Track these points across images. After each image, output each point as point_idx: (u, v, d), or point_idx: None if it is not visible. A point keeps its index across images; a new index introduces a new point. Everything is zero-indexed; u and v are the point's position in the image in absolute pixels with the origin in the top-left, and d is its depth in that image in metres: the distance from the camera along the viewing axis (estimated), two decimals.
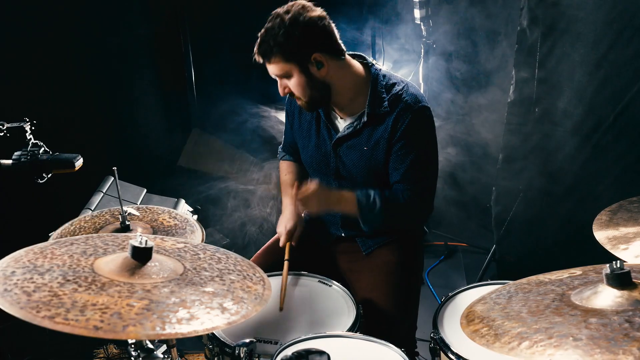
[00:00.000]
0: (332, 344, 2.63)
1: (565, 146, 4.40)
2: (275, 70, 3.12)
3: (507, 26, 5.25)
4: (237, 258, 2.42)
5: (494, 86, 5.32)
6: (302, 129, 3.49)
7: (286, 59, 3.05)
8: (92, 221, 3.13)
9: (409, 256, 3.44)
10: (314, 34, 3.06)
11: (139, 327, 1.78)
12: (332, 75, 3.14)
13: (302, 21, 3.01)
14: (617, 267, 1.88)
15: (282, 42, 3.00)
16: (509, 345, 1.78)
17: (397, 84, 3.25)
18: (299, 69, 3.08)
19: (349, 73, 3.22)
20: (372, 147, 3.24)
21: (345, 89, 3.21)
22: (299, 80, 3.11)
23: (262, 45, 3.08)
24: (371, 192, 3.23)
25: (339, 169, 3.37)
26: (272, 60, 3.08)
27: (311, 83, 3.12)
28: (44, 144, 2.86)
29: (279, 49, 3.02)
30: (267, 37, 3.05)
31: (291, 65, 3.07)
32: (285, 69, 3.09)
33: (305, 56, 3.06)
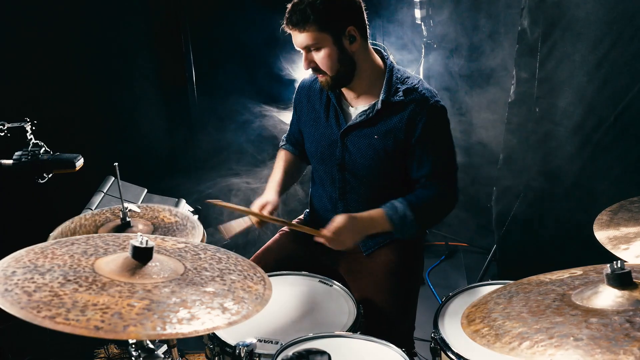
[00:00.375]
0: (333, 344, 2.63)
1: (565, 146, 4.41)
2: (307, 40, 3.07)
3: (508, 26, 5.25)
4: (237, 258, 2.42)
5: (495, 86, 5.32)
6: (309, 118, 3.46)
7: (322, 28, 3.02)
8: (92, 219, 3.14)
9: (410, 256, 3.43)
10: (353, 7, 3.08)
11: (140, 327, 1.78)
12: (360, 54, 3.15)
13: None
14: (617, 267, 1.88)
15: (321, 10, 2.98)
16: (509, 345, 1.78)
17: (411, 78, 3.26)
18: (332, 40, 3.06)
19: (371, 58, 3.23)
20: (383, 137, 3.22)
21: (365, 73, 3.21)
22: (329, 52, 3.08)
23: (295, 12, 3.02)
24: (397, 205, 3.19)
25: (345, 158, 3.34)
26: (306, 29, 3.03)
27: (341, 56, 3.10)
28: (44, 144, 2.86)
29: (317, 16, 2.99)
30: (302, 5, 3.00)
31: (325, 35, 3.04)
32: (318, 38, 3.05)
33: (341, 27, 3.05)
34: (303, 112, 3.52)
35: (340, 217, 3.11)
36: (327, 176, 3.43)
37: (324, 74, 3.17)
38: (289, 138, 3.80)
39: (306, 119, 3.49)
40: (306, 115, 3.49)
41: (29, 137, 2.87)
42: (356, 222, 3.15)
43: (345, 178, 3.37)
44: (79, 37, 5.30)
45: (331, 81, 3.19)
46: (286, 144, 3.80)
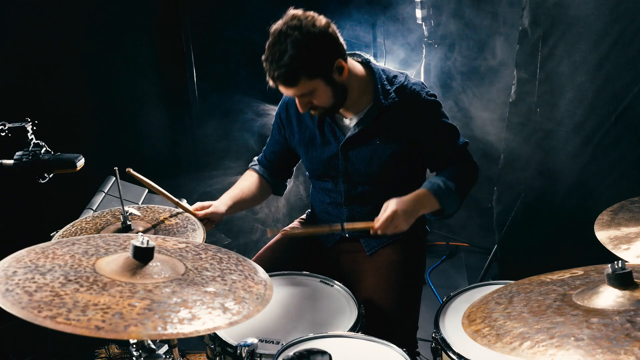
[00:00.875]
0: (334, 344, 2.63)
1: (566, 146, 4.41)
2: (299, 91, 3.04)
3: (509, 26, 5.25)
4: (238, 258, 2.42)
5: (496, 86, 5.32)
6: (303, 137, 3.44)
7: (312, 77, 2.98)
8: (93, 222, 3.14)
9: (412, 256, 3.43)
10: (332, 42, 3.01)
11: (141, 327, 1.78)
12: (348, 77, 3.11)
13: (318, 33, 2.94)
14: (618, 267, 1.88)
15: (304, 63, 2.92)
16: (510, 345, 1.78)
17: (397, 76, 3.27)
18: (324, 82, 3.02)
19: (355, 71, 3.20)
20: (384, 140, 3.23)
21: (353, 88, 3.18)
22: (325, 92, 3.05)
23: (280, 69, 2.94)
24: (435, 181, 3.23)
25: (348, 169, 3.34)
26: (298, 84, 2.98)
27: (336, 91, 3.08)
28: (45, 144, 2.86)
29: (304, 70, 2.94)
30: (284, 61, 2.92)
31: (317, 81, 3.00)
32: (312, 86, 3.01)
33: (329, 67, 3.01)
34: (294, 131, 3.48)
35: (390, 203, 3.09)
36: (332, 186, 3.43)
37: (318, 109, 3.15)
38: (263, 158, 3.73)
39: (300, 138, 3.46)
40: (299, 134, 3.46)
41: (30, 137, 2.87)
42: (407, 204, 3.13)
43: (350, 187, 3.37)
44: (80, 37, 5.30)
45: (325, 112, 3.18)
46: (257, 164, 3.75)
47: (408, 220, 3.12)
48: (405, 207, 3.10)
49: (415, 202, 3.15)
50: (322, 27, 2.95)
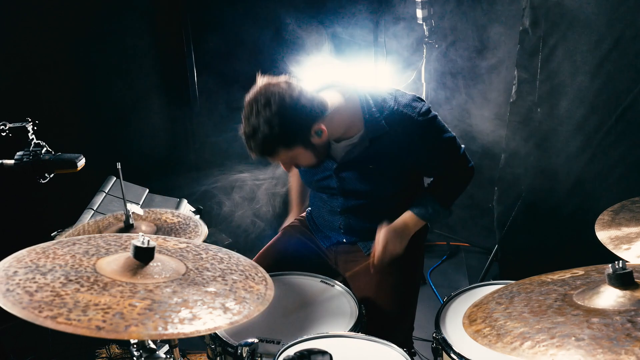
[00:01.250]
0: (335, 344, 2.63)
1: (567, 146, 4.41)
2: (282, 160, 3.07)
3: (510, 26, 5.25)
4: (239, 258, 2.42)
5: (496, 86, 5.32)
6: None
7: (290, 147, 2.98)
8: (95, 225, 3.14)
9: (410, 256, 3.43)
10: (306, 110, 2.96)
11: (141, 327, 1.78)
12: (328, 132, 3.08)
13: (290, 106, 2.90)
14: (619, 267, 1.88)
15: (280, 136, 2.90)
16: (511, 345, 1.78)
17: (386, 99, 3.19)
18: (304, 148, 3.02)
19: (337, 117, 3.13)
20: (377, 164, 3.22)
21: (339, 130, 3.17)
22: (306, 156, 3.07)
23: (260, 146, 2.93)
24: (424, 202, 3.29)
25: (344, 187, 3.34)
26: (278, 155, 3.00)
27: (317, 152, 3.08)
28: (46, 144, 2.86)
29: (280, 142, 2.93)
30: (258, 138, 2.91)
31: (296, 149, 3.01)
32: (292, 154, 3.03)
33: (306, 134, 3.00)
34: None
35: (381, 235, 3.20)
36: (328, 196, 3.44)
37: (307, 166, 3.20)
38: None
39: None
40: None
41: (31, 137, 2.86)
42: (397, 230, 3.25)
43: (346, 200, 3.38)
44: (81, 36, 5.30)
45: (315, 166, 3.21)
46: None
47: (401, 243, 3.26)
48: (395, 234, 3.23)
49: (404, 227, 3.28)
50: (293, 98, 2.91)
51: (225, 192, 5.20)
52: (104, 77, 5.58)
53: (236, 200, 5.12)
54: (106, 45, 5.52)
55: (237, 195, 5.13)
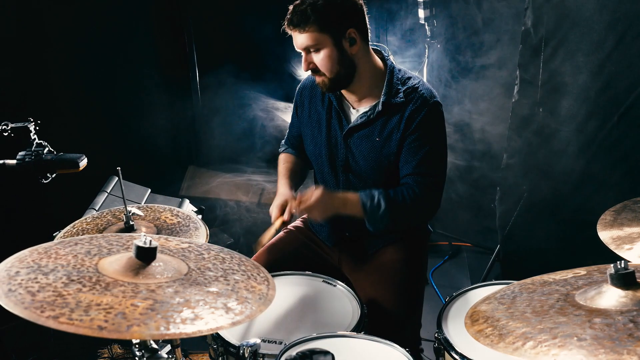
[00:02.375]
0: (337, 344, 2.63)
1: (569, 146, 4.40)
2: (307, 41, 3.08)
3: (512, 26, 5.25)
4: (241, 258, 2.42)
5: (498, 86, 5.32)
6: (311, 120, 3.46)
7: (322, 28, 3.03)
8: (94, 222, 3.14)
9: (414, 255, 3.43)
10: (353, 9, 3.07)
11: (143, 327, 1.78)
12: (360, 56, 3.14)
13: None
14: (621, 267, 1.88)
15: (321, 11, 2.99)
16: (513, 345, 1.78)
17: (412, 78, 3.26)
18: (332, 42, 3.06)
19: (371, 60, 3.23)
20: (384, 138, 3.22)
21: (366, 75, 3.20)
22: (329, 53, 3.08)
23: (296, 13, 3.03)
24: (375, 193, 3.20)
25: (348, 160, 3.34)
26: (307, 29, 3.03)
27: (341, 58, 3.10)
28: (48, 144, 2.86)
29: (317, 17, 2.99)
30: (303, 5, 3.01)
31: (325, 36, 3.05)
32: (318, 39, 3.06)
33: (341, 29, 3.05)
34: (304, 114, 3.51)
35: (317, 190, 3.16)
36: (331, 177, 3.43)
37: (322, 76, 3.17)
38: (289, 141, 3.79)
39: (308, 121, 3.48)
40: (308, 117, 3.48)
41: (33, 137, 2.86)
42: (329, 199, 3.19)
43: (349, 179, 3.37)
44: (82, 36, 5.31)
45: (329, 83, 3.18)
46: (287, 147, 3.80)
47: (324, 213, 3.20)
48: (326, 202, 3.18)
49: (339, 202, 3.24)
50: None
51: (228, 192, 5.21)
52: (106, 76, 5.58)
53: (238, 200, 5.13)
54: (108, 45, 5.53)
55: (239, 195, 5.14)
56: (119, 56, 5.67)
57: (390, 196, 3.20)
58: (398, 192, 3.23)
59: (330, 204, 3.19)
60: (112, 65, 5.63)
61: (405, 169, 3.25)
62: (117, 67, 5.69)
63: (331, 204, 3.20)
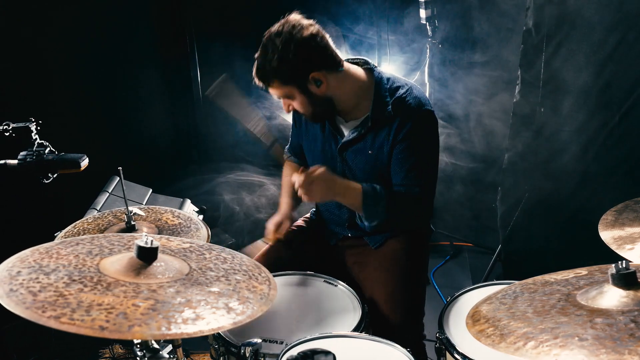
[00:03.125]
0: (338, 344, 2.63)
1: (570, 146, 4.40)
2: (276, 93, 3.14)
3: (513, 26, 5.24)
4: (242, 258, 2.42)
5: (500, 86, 5.32)
6: (308, 133, 3.50)
7: (284, 82, 3.07)
8: (95, 223, 3.14)
9: (417, 249, 3.44)
10: (308, 54, 3.04)
11: (145, 327, 1.78)
12: (332, 89, 3.14)
13: (295, 43, 2.99)
14: (622, 267, 1.88)
15: (277, 67, 3.01)
16: (514, 345, 1.78)
17: (400, 87, 3.24)
18: (298, 90, 3.09)
19: (349, 82, 3.20)
20: (376, 151, 3.24)
21: (347, 98, 3.21)
22: (300, 99, 3.13)
23: (259, 71, 3.09)
24: (377, 186, 3.21)
25: (345, 172, 3.37)
26: (272, 85, 3.09)
27: (312, 100, 3.13)
28: (49, 144, 2.86)
29: (275, 74, 3.03)
30: (263, 62, 3.05)
31: (290, 87, 3.08)
32: (285, 91, 3.11)
33: (302, 77, 3.06)
34: (302, 127, 3.56)
35: (321, 169, 3.13)
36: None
37: (304, 114, 3.24)
38: (291, 149, 3.82)
39: (306, 134, 3.53)
40: (305, 130, 3.52)
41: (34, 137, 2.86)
42: (332, 181, 3.18)
43: None
44: (84, 36, 5.31)
45: (311, 118, 3.28)
46: (290, 155, 3.83)
47: (324, 195, 3.20)
48: (328, 183, 3.16)
49: (341, 187, 3.22)
50: (302, 36, 3.01)
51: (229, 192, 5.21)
52: (107, 76, 5.58)
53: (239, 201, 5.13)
54: (109, 44, 5.52)
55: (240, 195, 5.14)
56: (120, 56, 5.67)
57: (391, 193, 3.23)
58: (395, 192, 3.25)
59: (332, 186, 3.19)
60: (114, 65, 5.62)
61: (395, 179, 3.28)
62: (119, 67, 5.68)
63: (333, 186, 3.19)
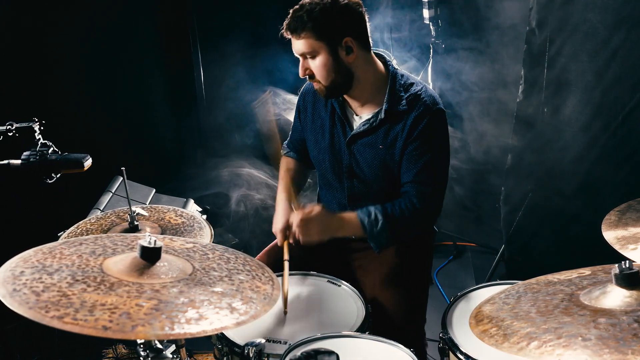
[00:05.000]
0: (341, 344, 2.63)
1: (574, 146, 4.40)
2: (303, 47, 3.09)
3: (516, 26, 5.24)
4: (245, 258, 2.42)
5: (503, 86, 5.31)
6: (314, 125, 3.46)
7: (318, 36, 3.04)
8: (98, 223, 3.14)
9: (420, 255, 3.44)
10: (351, 18, 3.07)
11: (148, 327, 1.78)
12: (358, 64, 3.14)
13: (344, 6, 3.03)
14: (626, 267, 1.88)
15: (317, 18, 2.99)
16: (517, 345, 1.78)
17: (415, 84, 3.24)
18: (327, 50, 3.07)
19: (372, 67, 3.22)
20: (388, 146, 3.22)
21: (366, 83, 3.21)
22: (324, 61, 3.09)
23: (294, 19, 3.05)
24: (372, 209, 3.20)
25: (352, 166, 3.35)
26: (302, 35, 3.05)
27: (336, 66, 3.11)
28: (52, 144, 2.87)
29: (313, 24, 3.00)
30: (301, 11, 3.02)
31: (321, 43, 3.06)
32: (314, 46, 3.07)
33: (337, 37, 3.06)
34: (308, 119, 3.51)
35: (316, 207, 3.15)
36: (336, 182, 3.44)
37: (318, 82, 3.19)
38: (291, 144, 3.79)
39: (311, 127, 3.49)
40: (311, 122, 3.49)
41: (37, 137, 2.87)
42: (329, 220, 3.20)
43: (354, 185, 3.37)
44: (87, 36, 5.31)
45: (325, 90, 3.21)
46: (289, 151, 3.80)
47: (321, 234, 3.19)
48: (323, 222, 3.18)
49: (336, 222, 3.24)
50: (352, 5, 3.07)
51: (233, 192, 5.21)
52: (110, 76, 5.59)
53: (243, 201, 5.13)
54: (112, 44, 5.52)
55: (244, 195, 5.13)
56: (123, 56, 5.67)
57: (388, 211, 3.21)
58: (396, 206, 3.23)
59: (330, 224, 3.20)
60: (117, 64, 5.63)
61: (406, 177, 3.26)
62: (122, 67, 5.69)
63: (330, 224, 3.20)
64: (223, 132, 6.14)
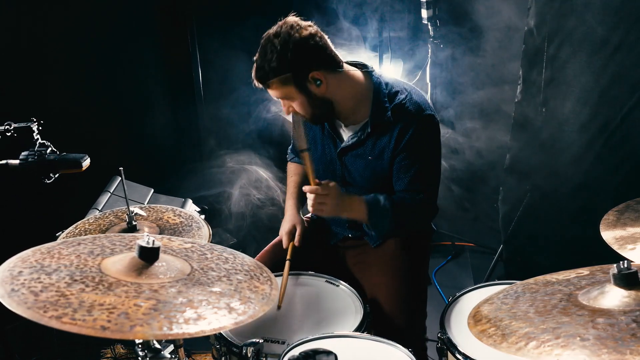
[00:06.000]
0: (340, 344, 2.63)
1: (572, 146, 4.40)
2: (276, 94, 3.11)
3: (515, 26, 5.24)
4: (244, 258, 2.42)
5: (501, 86, 5.31)
6: (309, 136, 3.48)
7: (283, 82, 3.03)
8: (96, 223, 3.14)
9: (418, 254, 3.45)
10: (307, 54, 3.02)
11: (146, 327, 1.78)
12: (332, 90, 3.12)
13: (293, 42, 2.97)
14: (624, 267, 1.87)
15: (276, 67, 2.98)
16: (516, 345, 1.78)
17: (400, 93, 3.23)
18: (297, 91, 3.06)
19: (348, 84, 3.19)
20: (376, 157, 3.24)
21: (346, 100, 3.20)
22: (300, 100, 3.10)
23: (258, 71, 3.06)
24: (380, 197, 3.22)
25: (345, 176, 3.38)
26: (271, 85, 3.06)
27: (312, 102, 3.11)
28: (51, 144, 2.87)
29: (274, 74, 3.00)
30: (261, 63, 3.02)
31: (289, 87, 3.05)
32: (285, 92, 3.08)
33: (301, 77, 3.04)
34: (301, 130, 3.51)
35: (332, 183, 3.16)
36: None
37: (303, 116, 3.21)
38: (294, 150, 3.80)
39: (305, 138, 3.49)
40: (304, 133, 3.49)
41: (36, 137, 2.87)
42: (342, 198, 3.19)
43: (350, 191, 3.38)
44: (85, 36, 5.31)
45: (311, 121, 3.25)
46: (294, 157, 3.82)
47: (333, 210, 3.19)
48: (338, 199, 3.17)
49: (346, 204, 3.23)
50: (300, 36, 2.99)
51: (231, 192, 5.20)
52: (109, 76, 5.58)
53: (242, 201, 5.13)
54: (111, 44, 5.52)
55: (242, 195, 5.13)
56: (121, 55, 5.67)
57: (394, 199, 3.24)
58: (399, 197, 3.27)
59: (341, 202, 3.19)
60: (115, 64, 5.62)
61: (398, 186, 3.28)
62: (120, 67, 5.69)
63: (342, 202, 3.20)
64: (221, 132, 6.13)
